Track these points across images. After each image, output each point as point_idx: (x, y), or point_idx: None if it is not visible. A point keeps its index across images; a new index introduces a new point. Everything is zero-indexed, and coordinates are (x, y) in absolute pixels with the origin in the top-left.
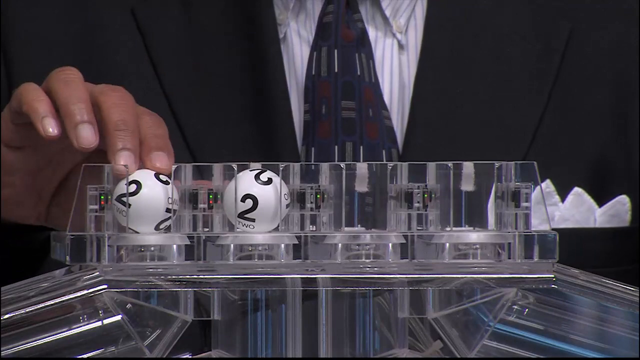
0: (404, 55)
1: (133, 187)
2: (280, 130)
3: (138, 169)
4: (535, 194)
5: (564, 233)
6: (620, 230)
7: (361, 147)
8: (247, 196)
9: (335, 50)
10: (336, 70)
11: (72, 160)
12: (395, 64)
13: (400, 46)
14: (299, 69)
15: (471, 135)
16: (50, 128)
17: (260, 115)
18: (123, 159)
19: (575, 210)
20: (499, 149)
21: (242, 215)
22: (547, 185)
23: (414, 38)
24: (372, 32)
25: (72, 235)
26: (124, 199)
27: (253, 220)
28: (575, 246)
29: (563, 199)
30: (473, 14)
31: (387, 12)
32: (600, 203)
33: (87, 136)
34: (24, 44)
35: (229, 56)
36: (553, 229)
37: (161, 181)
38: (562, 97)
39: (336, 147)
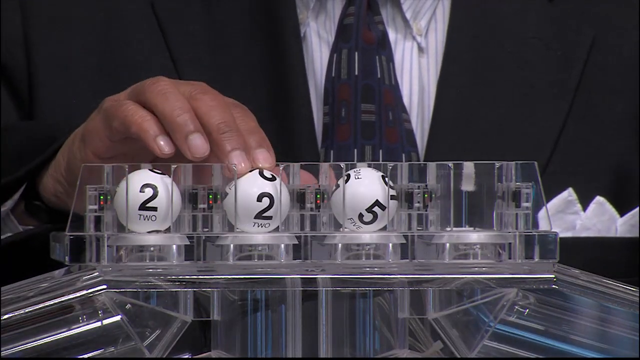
0: (424, 59)
1: (151, 192)
2: (300, 132)
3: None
4: (556, 202)
5: (585, 242)
6: None
7: (380, 151)
8: (263, 195)
9: (356, 53)
10: (356, 73)
11: (147, 159)
12: (415, 67)
13: (420, 49)
14: (318, 69)
15: (493, 142)
16: (166, 147)
17: (280, 116)
18: (236, 159)
19: (597, 219)
20: (520, 156)
21: (259, 215)
22: (570, 193)
23: (434, 41)
24: (391, 35)
25: (72, 236)
26: (149, 204)
27: (270, 218)
28: (597, 255)
29: (585, 208)
30: (495, 19)
31: (408, 15)
32: (622, 212)
33: (199, 145)
34: (45, 33)
35: (249, 55)
36: (575, 238)
37: (157, 173)
38: (584, 105)
39: (355, 150)
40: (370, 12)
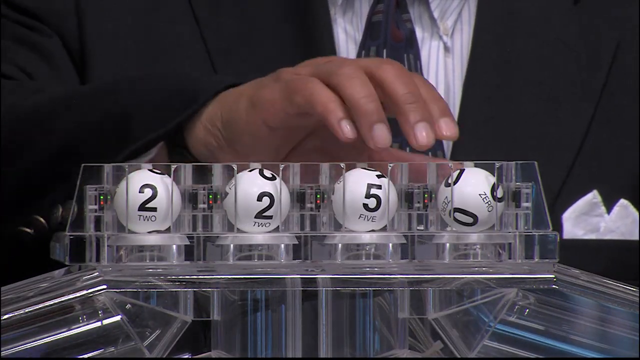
0: (449, 58)
1: (150, 192)
2: None
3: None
4: (581, 204)
5: (608, 244)
6: None
7: (407, 149)
8: (263, 194)
9: (384, 50)
10: None
11: (306, 130)
12: (440, 66)
13: (446, 49)
14: None
15: (518, 144)
16: (350, 132)
17: None
18: (421, 131)
19: (621, 222)
20: (545, 157)
21: (259, 214)
22: (595, 195)
23: (460, 42)
24: (418, 33)
25: (72, 236)
26: (148, 205)
27: (270, 217)
28: (620, 258)
29: (609, 210)
30: (521, 21)
31: (436, 14)
32: None
33: (383, 135)
34: (95, 3)
35: (281, 47)
36: (598, 240)
37: (157, 173)
38: (608, 108)
39: None
40: (399, 10)
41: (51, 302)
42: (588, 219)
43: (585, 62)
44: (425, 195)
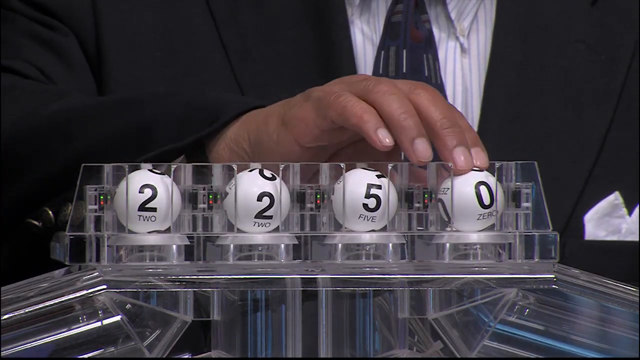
0: (466, 59)
1: (150, 192)
2: None
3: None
4: (603, 205)
5: (629, 246)
6: None
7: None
8: (263, 194)
9: (404, 51)
10: (404, 70)
11: (336, 147)
12: (458, 67)
13: (463, 49)
14: (361, 66)
15: (538, 145)
16: (387, 139)
17: None
18: (460, 155)
19: None
20: (565, 159)
21: (259, 214)
22: (616, 197)
23: (476, 42)
24: (436, 34)
25: (72, 236)
26: (148, 205)
27: (270, 217)
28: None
29: (630, 212)
30: (540, 22)
31: (453, 15)
32: None
33: (424, 150)
34: (112, 3)
35: (298, 48)
36: (620, 242)
37: (157, 173)
38: (628, 109)
39: None
40: (417, 10)
41: (51, 302)
42: (610, 220)
43: (604, 63)
44: (425, 195)
